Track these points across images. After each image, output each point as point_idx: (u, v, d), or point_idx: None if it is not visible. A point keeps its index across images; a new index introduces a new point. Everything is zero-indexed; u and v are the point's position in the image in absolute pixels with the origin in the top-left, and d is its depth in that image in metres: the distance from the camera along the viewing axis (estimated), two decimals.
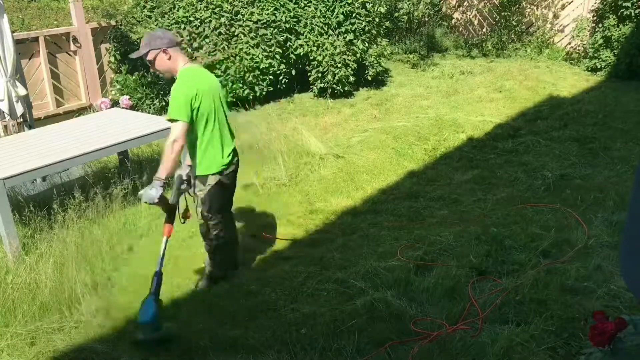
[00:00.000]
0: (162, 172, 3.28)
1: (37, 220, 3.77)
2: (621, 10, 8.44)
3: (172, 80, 3.48)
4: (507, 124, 6.75)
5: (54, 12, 8.15)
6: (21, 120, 5.12)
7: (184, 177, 3.52)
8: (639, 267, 1.01)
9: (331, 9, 7.80)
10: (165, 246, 3.39)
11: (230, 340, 3.14)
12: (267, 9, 7.49)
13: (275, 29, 7.54)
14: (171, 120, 3.32)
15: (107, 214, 4.23)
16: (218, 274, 3.78)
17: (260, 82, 7.55)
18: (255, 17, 7.40)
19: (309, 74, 7.96)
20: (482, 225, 4.30)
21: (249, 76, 7.38)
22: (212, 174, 3.45)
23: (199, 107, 3.32)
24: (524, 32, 10.16)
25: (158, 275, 3.27)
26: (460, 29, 10.89)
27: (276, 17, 7.52)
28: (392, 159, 5.90)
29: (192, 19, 7.26)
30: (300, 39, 7.70)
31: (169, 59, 3.38)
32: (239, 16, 7.43)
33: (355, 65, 7.93)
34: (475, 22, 10.69)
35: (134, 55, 3.48)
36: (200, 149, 3.43)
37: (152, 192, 3.26)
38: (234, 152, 3.59)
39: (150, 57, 3.38)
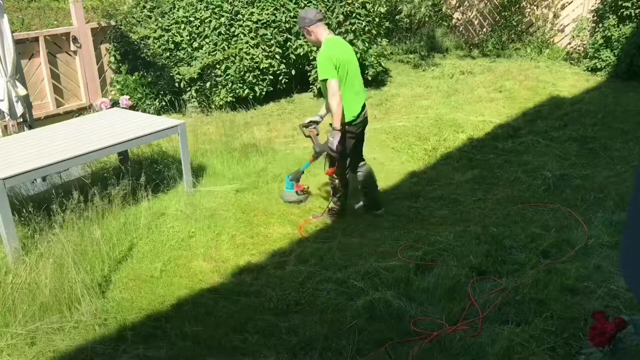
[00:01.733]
0: (336, 123, 4.13)
1: (37, 221, 3.77)
2: (621, 10, 8.44)
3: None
4: (507, 124, 6.75)
5: (54, 12, 8.15)
6: (21, 120, 5.12)
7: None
8: (639, 268, 1.01)
9: (331, 9, 7.80)
10: (307, 166, 4.87)
11: (230, 341, 3.14)
12: (267, 9, 7.49)
13: (275, 29, 7.54)
14: (324, 81, 4.10)
15: (107, 214, 4.23)
16: (336, 209, 4.62)
17: (260, 82, 7.56)
18: (255, 17, 7.40)
19: (308, 74, 7.96)
20: (482, 225, 4.30)
21: (249, 76, 7.39)
22: (346, 122, 4.20)
23: (338, 68, 4.09)
24: (524, 32, 10.16)
25: (299, 171, 4.78)
26: (461, 29, 10.89)
27: (276, 17, 7.52)
28: (392, 159, 5.90)
29: (192, 19, 7.26)
30: (300, 39, 7.70)
31: (311, 34, 4.30)
32: (239, 16, 7.43)
33: None
34: (476, 22, 10.69)
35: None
36: None
37: (334, 140, 4.15)
38: (363, 109, 4.36)
39: (302, 32, 4.44)
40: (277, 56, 7.57)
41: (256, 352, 3.00)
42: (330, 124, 4.26)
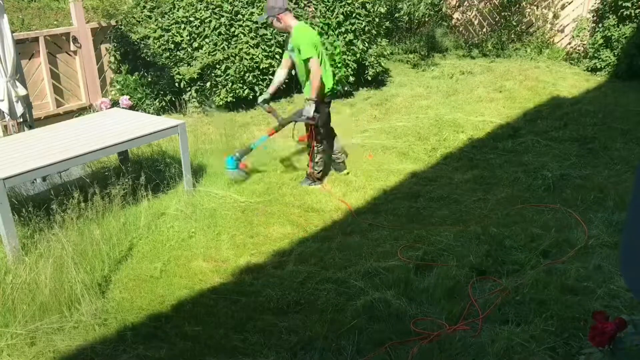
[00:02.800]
0: (313, 94, 4.78)
1: (37, 220, 3.77)
2: (621, 10, 8.45)
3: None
4: (507, 124, 6.75)
5: (54, 12, 8.14)
6: (21, 120, 5.11)
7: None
8: (639, 267, 1.01)
9: (331, 9, 7.80)
10: (261, 142, 5.25)
11: (230, 341, 3.14)
12: None
13: (275, 29, 7.53)
14: (307, 60, 4.70)
15: (106, 214, 4.23)
16: (316, 175, 5.17)
17: (260, 82, 7.55)
18: (255, 17, 7.40)
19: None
20: (482, 225, 4.30)
21: (249, 76, 7.38)
22: (321, 95, 4.87)
23: (316, 48, 4.71)
24: (524, 32, 10.17)
25: (248, 148, 5.17)
26: (461, 29, 10.89)
27: None
28: (392, 159, 5.91)
29: (192, 19, 7.26)
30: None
31: (281, 21, 4.83)
32: (239, 16, 7.43)
33: (355, 65, 7.93)
34: (476, 22, 10.69)
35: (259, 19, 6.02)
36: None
37: (310, 109, 4.79)
38: (334, 84, 5.05)
39: (269, 21, 4.96)
40: (277, 56, 7.56)
41: (256, 352, 3.00)
42: (307, 98, 4.87)
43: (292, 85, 8.06)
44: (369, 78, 8.29)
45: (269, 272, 3.88)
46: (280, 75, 5.32)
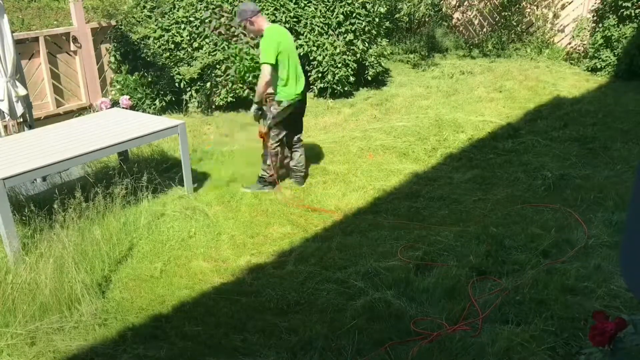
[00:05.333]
0: (256, 98, 4.95)
1: (37, 220, 3.77)
2: (621, 10, 8.44)
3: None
4: (507, 124, 6.75)
5: (54, 12, 8.14)
6: (21, 120, 5.11)
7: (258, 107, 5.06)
8: (639, 267, 1.01)
9: (331, 9, 7.80)
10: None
11: (230, 341, 3.14)
12: (267, 9, 7.49)
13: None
14: (262, 64, 4.74)
15: (107, 214, 4.23)
16: (266, 178, 5.10)
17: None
18: None
19: (309, 74, 7.96)
20: (482, 225, 4.30)
21: (249, 76, 7.38)
22: (286, 100, 4.90)
23: (280, 53, 4.73)
24: (524, 32, 10.17)
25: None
26: (461, 29, 10.89)
27: (276, 17, 7.52)
28: (392, 158, 5.90)
29: (192, 19, 7.26)
30: (300, 39, 7.70)
31: (254, 24, 4.85)
32: None
33: (355, 65, 7.93)
34: (476, 22, 10.70)
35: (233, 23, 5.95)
36: (281, 82, 4.88)
37: (252, 110, 5.00)
38: (304, 89, 5.05)
39: (242, 25, 5.10)
40: None
41: (256, 352, 3.01)
42: (256, 101, 4.98)
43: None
44: (369, 78, 8.29)
45: (269, 272, 3.88)
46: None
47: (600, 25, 8.90)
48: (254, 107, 4.98)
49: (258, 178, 5.16)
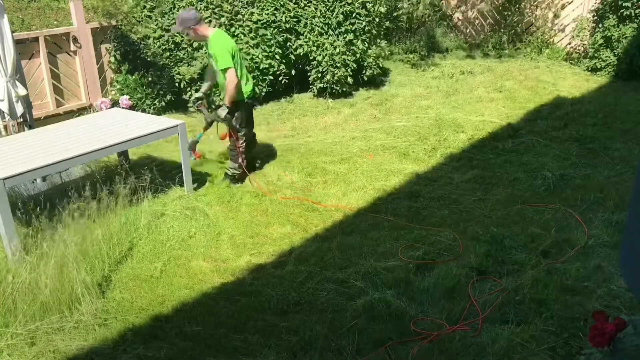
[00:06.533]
0: (227, 100, 4.93)
1: (37, 220, 3.77)
2: (621, 10, 8.44)
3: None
4: (507, 124, 6.75)
5: (54, 12, 8.13)
6: (21, 120, 5.11)
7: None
8: (639, 267, 1.01)
9: (331, 9, 7.80)
10: (199, 137, 5.38)
11: (230, 341, 3.14)
12: (267, 9, 7.49)
13: (275, 29, 7.54)
14: (224, 70, 4.78)
15: (107, 214, 4.23)
16: (236, 174, 5.19)
17: (260, 82, 7.55)
18: (255, 17, 7.40)
19: (308, 74, 7.96)
20: (482, 225, 4.30)
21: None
22: (240, 100, 5.02)
23: (233, 56, 4.81)
24: (524, 32, 10.16)
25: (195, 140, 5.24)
26: (461, 29, 10.89)
27: (276, 17, 7.52)
28: (392, 158, 5.90)
29: None
30: (300, 39, 7.70)
31: (197, 32, 4.85)
32: (239, 16, 7.43)
33: (354, 65, 7.92)
34: (476, 22, 10.69)
35: (172, 30, 5.49)
36: None
37: (221, 112, 4.97)
38: (253, 87, 5.17)
39: (184, 33, 4.99)
40: (277, 56, 7.56)
41: (256, 352, 3.01)
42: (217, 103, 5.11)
43: (292, 85, 8.08)
44: (366, 78, 8.28)
45: (269, 272, 3.88)
46: (211, 78, 5.33)
47: (600, 25, 8.90)
48: (225, 110, 4.99)
49: (224, 175, 5.28)
